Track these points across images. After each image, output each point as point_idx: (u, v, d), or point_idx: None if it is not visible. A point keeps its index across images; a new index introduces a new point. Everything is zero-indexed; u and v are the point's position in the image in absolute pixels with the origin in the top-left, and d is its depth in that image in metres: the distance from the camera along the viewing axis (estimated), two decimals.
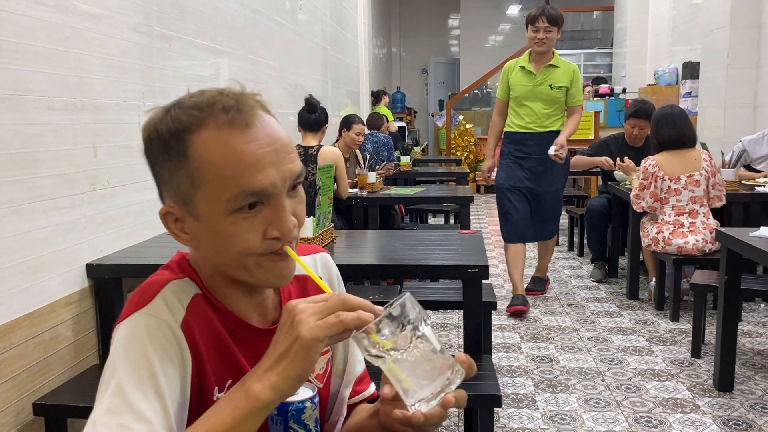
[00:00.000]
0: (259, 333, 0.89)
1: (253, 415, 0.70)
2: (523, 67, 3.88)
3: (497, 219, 4.17)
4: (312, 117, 3.86)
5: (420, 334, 0.73)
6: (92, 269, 2.20)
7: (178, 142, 0.79)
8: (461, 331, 3.64)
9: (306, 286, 0.99)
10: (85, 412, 1.93)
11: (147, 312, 0.79)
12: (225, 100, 0.79)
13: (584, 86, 8.84)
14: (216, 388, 0.83)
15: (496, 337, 3.48)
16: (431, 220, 6.83)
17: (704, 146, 4.06)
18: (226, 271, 0.84)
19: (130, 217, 2.46)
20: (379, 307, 0.72)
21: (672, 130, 3.73)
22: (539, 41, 3.78)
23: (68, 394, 1.97)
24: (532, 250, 4.75)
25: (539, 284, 4.35)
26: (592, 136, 7.35)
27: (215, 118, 0.78)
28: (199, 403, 0.81)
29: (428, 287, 3.19)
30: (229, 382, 0.84)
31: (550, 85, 3.82)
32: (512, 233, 4.00)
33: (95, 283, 2.24)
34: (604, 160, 4.45)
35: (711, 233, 3.64)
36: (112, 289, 2.25)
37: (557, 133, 3.85)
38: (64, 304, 2.09)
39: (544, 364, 3.13)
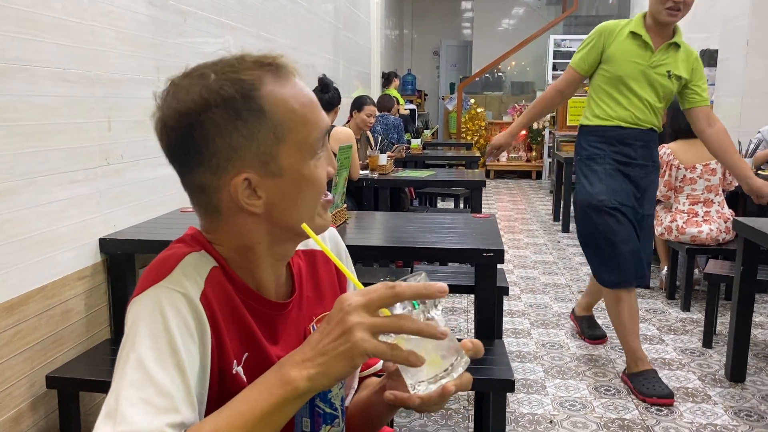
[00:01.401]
0: (275, 307, 0.88)
1: (289, 402, 0.68)
2: (635, 35, 2.65)
3: (507, 205, 4.07)
4: (325, 97, 3.82)
5: (430, 316, 0.71)
6: (105, 244, 2.19)
7: (251, 101, 0.78)
8: (470, 315, 3.63)
9: (315, 261, 0.99)
10: (97, 385, 1.94)
11: (166, 285, 0.78)
12: (262, 59, 0.80)
13: None
14: (235, 361, 0.82)
15: (506, 323, 3.47)
16: (440, 204, 6.81)
17: None
18: (287, 230, 0.83)
19: (143, 193, 2.45)
20: (443, 328, 0.69)
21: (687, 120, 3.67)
22: (674, 5, 2.54)
23: (81, 368, 1.97)
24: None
25: (596, 326, 3.29)
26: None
27: (268, 73, 0.80)
28: (218, 376, 0.80)
29: (438, 271, 3.17)
30: (246, 355, 0.83)
31: (668, 72, 2.65)
32: (627, 273, 2.69)
33: (108, 258, 2.23)
34: None
35: (726, 223, 3.60)
36: (124, 264, 2.25)
37: (655, 132, 2.76)
38: (77, 278, 2.08)
39: (554, 351, 3.12)
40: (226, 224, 0.84)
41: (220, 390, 0.79)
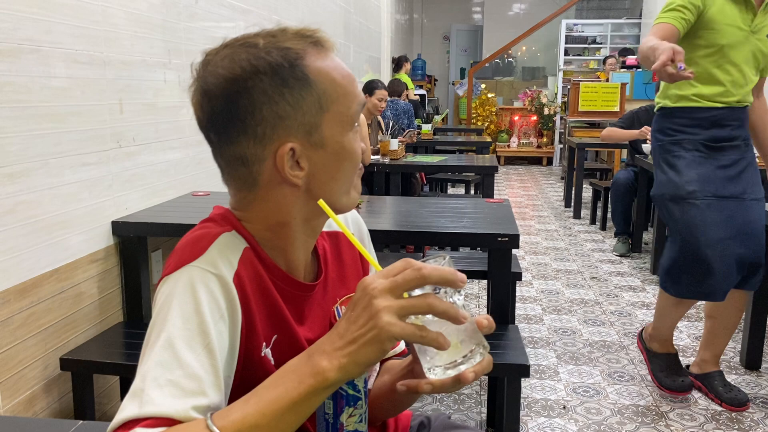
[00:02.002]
0: (304, 288, 0.87)
1: (319, 392, 0.67)
2: None
3: (518, 191, 4.02)
4: None
5: (452, 300, 0.69)
6: (117, 227, 2.19)
7: (297, 70, 0.78)
8: (481, 301, 3.62)
9: (338, 243, 0.98)
10: (110, 368, 1.94)
11: (199, 265, 0.76)
12: (303, 31, 0.81)
13: (608, 57, 8.71)
14: (264, 343, 0.81)
15: (518, 309, 3.45)
16: (450, 190, 6.78)
17: None
18: (318, 210, 0.80)
19: (155, 176, 2.44)
20: (465, 313, 0.67)
21: None
22: None
23: (94, 350, 1.97)
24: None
25: (678, 370, 2.58)
26: (617, 109, 7.21)
27: (308, 45, 0.80)
28: (245, 359, 0.78)
29: (450, 256, 3.15)
30: (275, 337, 0.82)
31: None
32: (710, 287, 2.25)
33: (120, 241, 2.22)
34: (639, 133, 4.33)
35: None
36: (136, 247, 2.24)
37: (748, 108, 2.36)
38: (90, 261, 2.08)
39: (566, 337, 3.10)
40: (263, 199, 0.82)
41: (245, 372, 0.78)
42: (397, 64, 8.13)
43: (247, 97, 0.77)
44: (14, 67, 1.71)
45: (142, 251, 2.26)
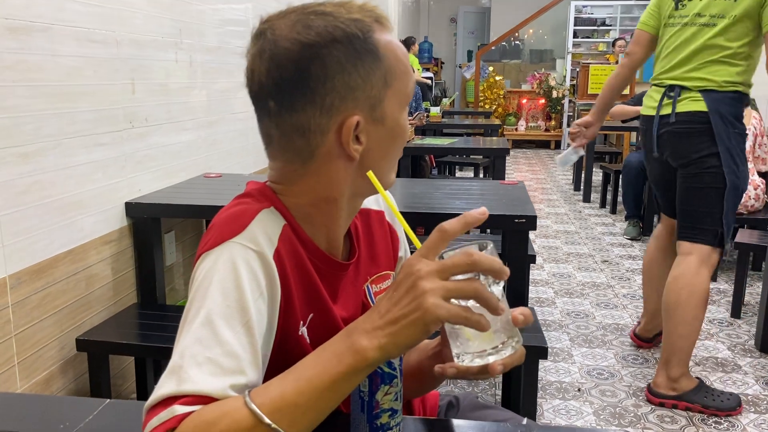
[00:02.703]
0: (339, 267, 0.86)
1: (358, 372, 0.65)
2: None
3: (527, 174, 4.00)
4: None
5: (491, 290, 0.67)
6: (131, 208, 2.17)
7: (367, 43, 0.77)
8: None
9: (369, 220, 0.96)
10: (126, 348, 1.94)
11: (240, 241, 0.74)
12: (365, 6, 0.80)
13: (618, 39, 8.62)
14: (301, 321, 0.79)
15: (530, 292, 3.44)
16: (458, 174, 6.75)
17: (753, 104, 3.90)
18: (364, 187, 0.81)
19: (167, 158, 2.42)
20: (502, 305, 0.66)
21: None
22: None
23: (109, 331, 1.97)
24: None
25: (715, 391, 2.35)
26: (627, 91, 7.14)
27: (374, 22, 0.79)
28: (283, 337, 0.77)
29: (459, 239, 3.14)
30: (311, 315, 0.81)
31: None
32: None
33: (134, 223, 2.21)
34: None
35: (755, 189, 3.53)
36: (150, 229, 2.23)
37: None
38: (104, 242, 2.07)
39: (579, 320, 3.09)
40: (315, 172, 0.80)
41: (282, 351, 0.77)
42: (406, 44, 8.07)
43: (320, 64, 0.75)
44: (27, 45, 1.69)
45: (155, 233, 2.25)
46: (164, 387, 0.65)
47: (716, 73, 2.22)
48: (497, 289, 0.69)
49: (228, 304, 0.70)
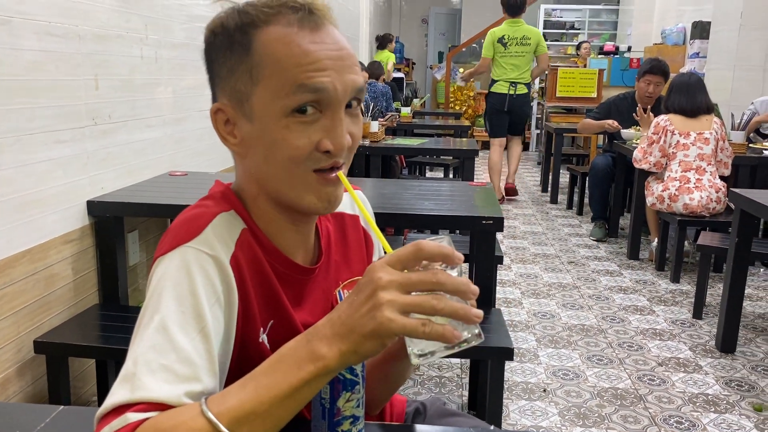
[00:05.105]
0: (303, 271, 0.84)
1: (319, 379, 0.63)
2: None
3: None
4: None
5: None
6: (93, 207, 2.12)
7: (244, 36, 0.75)
8: None
9: (343, 224, 0.94)
10: (86, 351, 1.89)
11: (195, 245, 0.72)
12: (297, 0, 0.76)
13: (583, 42, 8.73)
14: (261, 329, 0.78)
15: (497, 292, 3.46)
16: (428, 174, 6.75)
17: (717, 110, 4.00)
18: (271, 188, 0.78)
19: (132, 155, 2.37)
20: (476, 311, 0.63)
21: (683, 99, 3.72)
22: None
23: (69, 333, 1.92)
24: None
25: None
26: (594, 95, 7.24)
27: (285, 16, 0.75)
28: (242, 344, 0.75)
29: (429, 239, 3.14)
30: (272, 322, 0.79)
31: None
32: None
33: (96, 222, 2.16)
34: (608, 125, 4.51)
35: (717, 192, 3.60)
36: (113, 228, 2.18)
37: None
38: (64, 241, 2.02)
39: (545, 320, 3.12)
40: (236, 162, 0.83)
41: (242, 358, 0.75)
42: (382, 41, 8.07)
43: (207, 50, 0.80)
44: None
45: (118, 232, 2.20)
46: (117, 395, 0.63)
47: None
48: (454, 273, 0.67)
49: (183, 311, 0.68)
